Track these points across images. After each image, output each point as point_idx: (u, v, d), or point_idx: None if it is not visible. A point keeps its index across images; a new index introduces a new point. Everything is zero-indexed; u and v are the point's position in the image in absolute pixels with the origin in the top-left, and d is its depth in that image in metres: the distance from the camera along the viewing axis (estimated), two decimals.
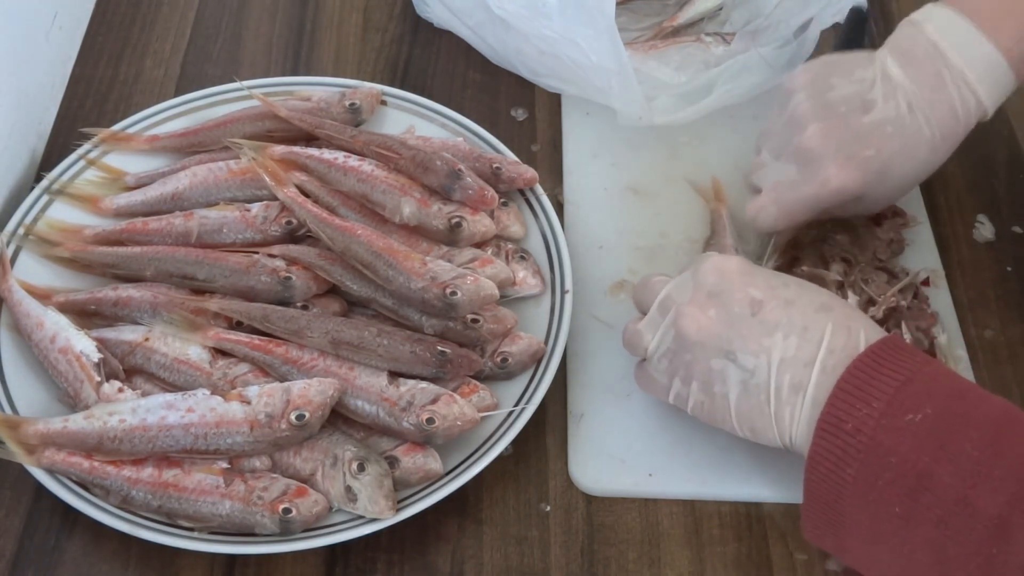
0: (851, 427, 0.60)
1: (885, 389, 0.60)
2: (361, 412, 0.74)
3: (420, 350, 0.75)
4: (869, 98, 0.77)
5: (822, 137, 0.77)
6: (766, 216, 0.81)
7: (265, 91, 0.91)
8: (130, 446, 0.71)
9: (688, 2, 1.03)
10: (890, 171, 0.78)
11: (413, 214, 0.82)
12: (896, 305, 0.81)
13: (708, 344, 0.68)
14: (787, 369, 0.65)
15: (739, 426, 0.69)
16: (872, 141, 0.77)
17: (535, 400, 0.76)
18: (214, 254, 0.81)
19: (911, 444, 0.58)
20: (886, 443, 0.59)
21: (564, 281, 0.83)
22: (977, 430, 0.58)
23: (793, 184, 0.79)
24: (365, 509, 0.70)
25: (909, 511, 0.58)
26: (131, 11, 1.04)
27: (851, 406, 0.61)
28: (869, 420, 0.60)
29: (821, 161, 0.77)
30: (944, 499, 0.57)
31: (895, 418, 0.59)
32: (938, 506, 0.57)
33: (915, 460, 0.58)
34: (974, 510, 0.56)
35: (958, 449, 0.57)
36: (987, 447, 0.57)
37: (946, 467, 0.57)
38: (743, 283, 0.68)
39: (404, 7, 1.05)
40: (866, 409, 0.60)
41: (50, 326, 0.76)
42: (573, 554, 0.74)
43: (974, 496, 0.56)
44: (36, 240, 0.83)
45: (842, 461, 0.60)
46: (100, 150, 0.88)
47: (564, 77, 0.96)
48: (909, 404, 0.59)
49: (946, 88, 0.77)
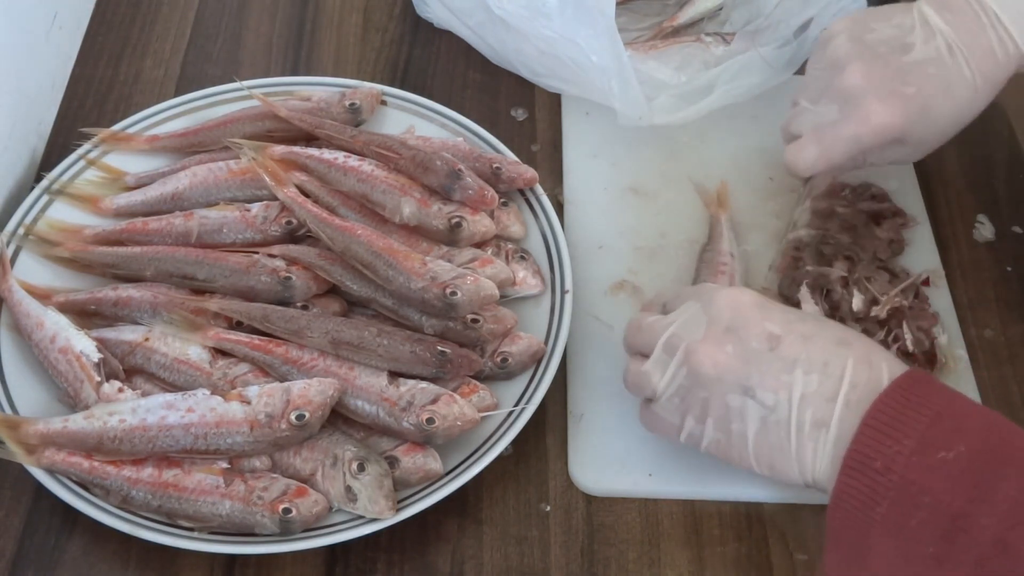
0: (880, 465, 0.58)
1: (916, 425, 0.59)
2: (361, 412, 0.74)
3: (420, 350, 0.75)
4: (909, 41, 0.77)
5: (863, 75, 0.77)
6: (806, 157, 0.80)
7: (265, 91, 0.91)
8: (130, 446, 0.71)
9: (688, 2, 1.03)
10: (932, 111, 0.78)
11: (413, 214, 0.82)
12: (899, 305, 0.81)
13: (726, 380, 0.66)
14: (809, 405, 0.64)
15: (757, 463, 0.67)
16: (913, 79, 0.77)
17: (535, 400, 0.76)
18: (214, 254, 0.81)
19: (945, 484, 0.57)
20: (918, 482, 0.57)
21: (564, 281, 0.83)
22: (1014, 468, 0.57)
23: (834, 124, 0.79)
24: (365, 509, 0.70)
25: (944, 553, 0.56)
26: (131, 11, 1.04)
27: (880, 443, 0.59)
28: (899, 458, 0.58)
29: (862, 98, 0.77)
30: (982, 541, 0.55)
31: (927, 456, 0.58)
32: (975, 548, 0.55)
33: (950, 501, 0.56)
34: (1014, 553, 0.55)
35: (994, 489, 0.56)
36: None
37: (983, 508, 0.56)
38: (760, 318, 0.67)
39: (404, 7, 1.05)
40: (896, 446, 0.58)
41: (50, 326, 0.76)
42: (573, 554, 0.74)
43: (1014, 539, 0.55)
44: (36, 240, 0.83)
45: (871, 500, 0.58)
46: (100, 150, 0.88)
47: (564, 77, 0.96)
48: (941, 441, 0.58)
49: (985, 32, 0.77)
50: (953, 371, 0.82)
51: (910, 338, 0.80)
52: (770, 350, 0.66)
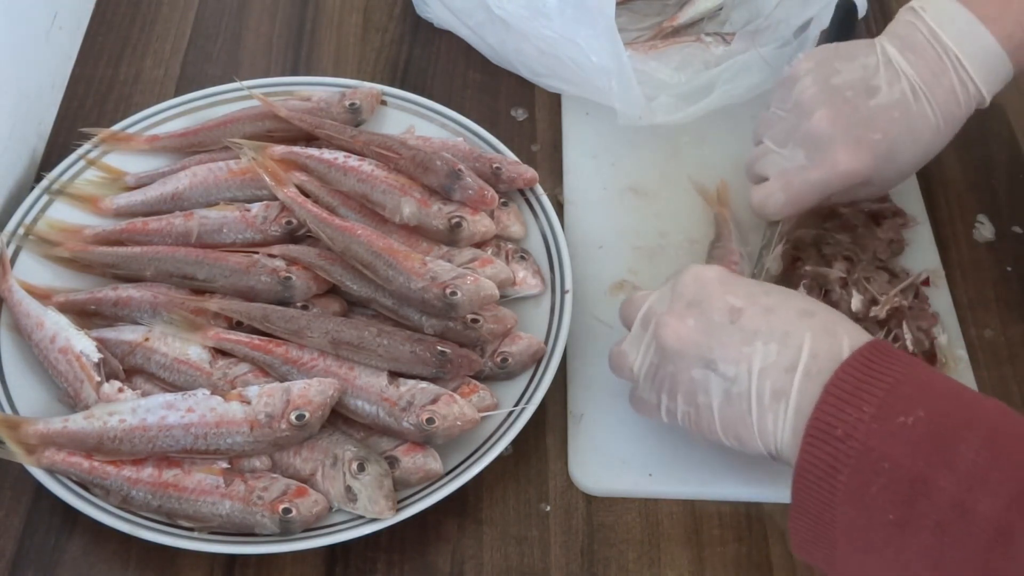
0: (841, 432, 0.59)
1: (875, 392, 0.59)
2: (361, 412, 0.74)
3: (420, 350, 0.75)
4: (874, 83, 0.78)
5: (830, 121, 0.77)
6: (774, 202, 0.80)
7: (265, 91, 0.91)
8: (130, 446, 0.71)
9: (688, 2, 1.03)
10: (897, 154, 0.79)
11: (413, 214, 0.82)
12: (898, 305, 0.81)
13: (688, 353, 0.67)
14: (768, 376, 0.64)
15: (725, 436, 0.68)
16: (879, 124, 0.78)
17: (535, 400, 0.76)
18: (214, 254, 0.81)
19: (905, 449, 0.57)
20: (878, 448, 0.58)
21: (564, 281, 0.83)
22: (973, 433, 0.57)
23: (801, 169, 0.79)
24: (365, 509, 0.70)
25: (904, 518, 0.57)
26: (131, 11, 1.04)
27: (840, 411, 0.59)
28: (860, 424, 0.58)
29: (830, 145, 0.78)
30: (941, 505, 0.56)
31: (887, 422, 0.58)
32: (935, 512, 0.56)
33: (909, 466, 0.57)
34: (973, 515, 0.55)
35: (954, 453, 0.56)
36: (984, 451, 0.56)
37: (942, 472, 0.56)
38: (722, 291, 0.68)
39: (404, 7, 1.05)
40: (856, 413, 0.59)
41: (50, 326, 0.76)
42: (573, 554, 0.74)
43: (972, 501, 0.55)
44: (36, 240, 0.83)
45: (833, 468, 0.59)
46: (100, 150, 0.88)
47: (564, 77, 0.96)
48: (901, 407, 0.58)
49: (947, 74, 0.78)
50: (953, 371, 0.82)
51: (910, 338, 0.80)
52: (731, 323, 0.66)
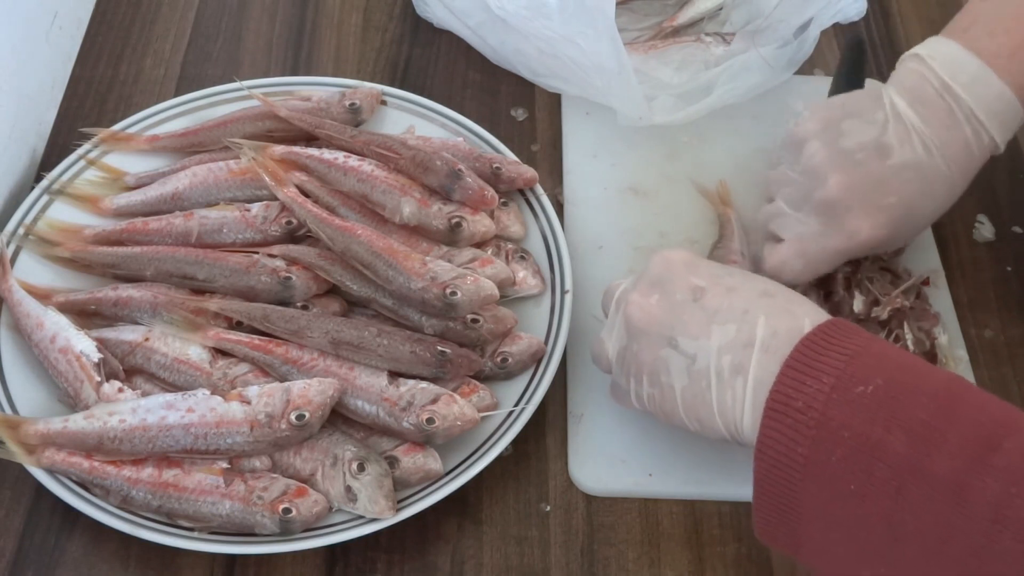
0: (801, 404, 0.58)
1: (835, 364, 0.59)
2: (361, 412, 0.74)
3: (420, 350, 0.75)
4: (885, 142, 0.76)
5: (845, 189, 0.76)
6: (791, 269, 0.79)
7: (265, 91, 0.91)
8: (130, 446, 0.71)
9: (688, 2, 1.03)
10: (912, 214, 0.78)
11: (413, 214, 0.82)
12: (900, 306, 0.81)
13: (651, 332, 0.67)
14: (727, 352, 0.64)
15: (687, 417, 0.67)
16: (894, 187, 0.76)
17: (535, 400, 0.76)
18: (214, 254, 0.81)
19: (863, 416, 0.57)
20: (838, 418, 0.57)
21: (564, 281, 0.83)
22: (928, 397, 0.57)
23: (818, 237, 0.78)
24: (365, 509, 0.70)
25: (864, 487, 0.56)
26: (131, 11, 1.04)
27: (800, 383, 0.59)
28: (819, 395, 0.58)
29: (847, 214, 0.76)
30: (898, 469, 0.55)
31: (846, 391, 0.58)
32: (893, 477, 0.56)
33: (868, 432, 0.56)
34: (929, 476, 0.55)
35: (910, 417, 0.56)
36: (939, 413, 0.56)
37: (899, 436, 0.56)
38: (686, 272, 0.68)
39: (404, 7, 1.05)
40: (816, 385, 0.58)
41: (50, 326, 0.76)
42: (573, 554, 0.74)
43: (929, 463, 0.55)
44: (36, 240, 0.83)
45: (793, 442, 0.58)
46: (100, 150, 0.88)
47: (564, 77, 0.96)
48: (859, 377, 0.58)
49: (959, 126, 0.76)
50: (953, 371, 0.82)
51: (911, 338, 0.80)
52: (693, 301, 0.66)
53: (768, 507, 0.61)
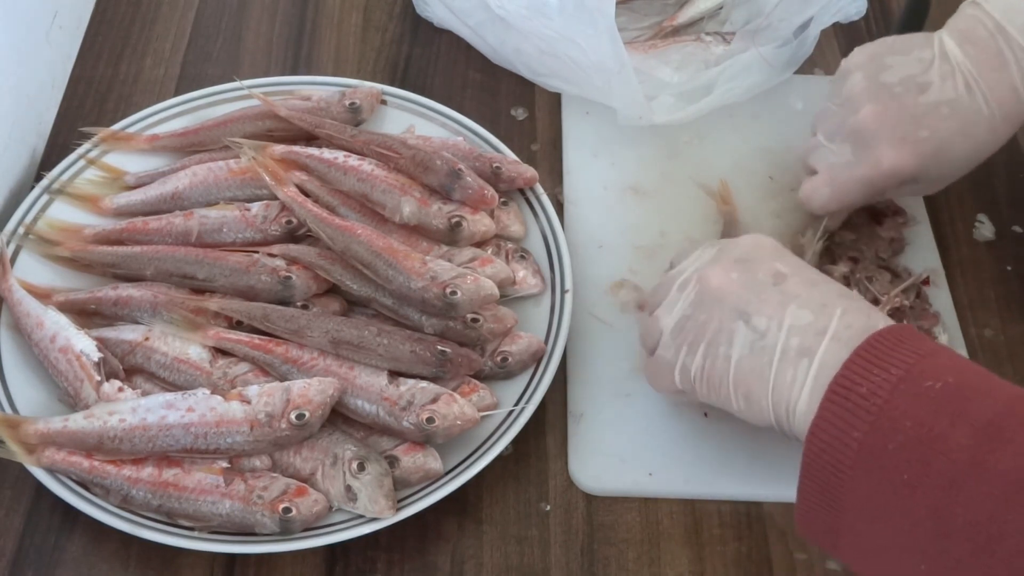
0: (865, 390, 0.58)
1: (905, 359, 0.58)
2: (361, 412, 0.74)
3: (420, 350, 0.75)
4: (925, 79, 0.77)
5: (876, 118, 0.77)
6: (819, 197, 0.80)
7: (265, 91, 0.91)
8: (130, 445, 0.71)
9: (688, 2, 1.03)
10: (946, 152, 0.77)
11: (413, 213, 0.82)
12: (900, 305, 0.81)
13: (726, 302, 0.67)
14: (797, 333, 0.64)
15: (735, 392, 0.67)
16: (927, 122, 0.76)
17: (535, 400, 0.76)
18: (214, 253, 0.81)
19: (928, 408, 0.56)
20: (901, 407, 0.57)
21: (564, 281, 0.83)
22: (997, 400, 0.56)
23: (847, 165, 0.79)
24: (365, 509, 0.70)
25: (918, 477, 0.56)
26: (131, 11, 1.04)
27: (868, 371, 0.59)
28: (886, 385, 0.58)
29: (875, 142, 0.77)
30: (959, 462, 0.55)
31: (914, 384, 0.57)
32: (950, 469, 0.55)
33: (931, 424, 0.56)
34: (991, 472, 0.54)
35: (978, 414, 0.56)
36: (1008, 414, 0.55)
37: (963, 430, 0.55)
38: (772, 257, 0.69)
39: (404, 7, 1.05)
40: (883, 375, 0.58)
41: (50, 325, 0.76)
42: (573, 554, 0.74)
43: (993, 460, 0.54)
44: (36, 240, 0.83)
45: (849, 425, 0.58)
46: (100, 150, 0.88)
47: (564, 77, 0.96)
48: (929, 373, 0.58)
49: (1008, 67, 0.76)
50: None
51: None
52: (774, 284, 0.67)
53: (812, 494, 0.60)
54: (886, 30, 1.05)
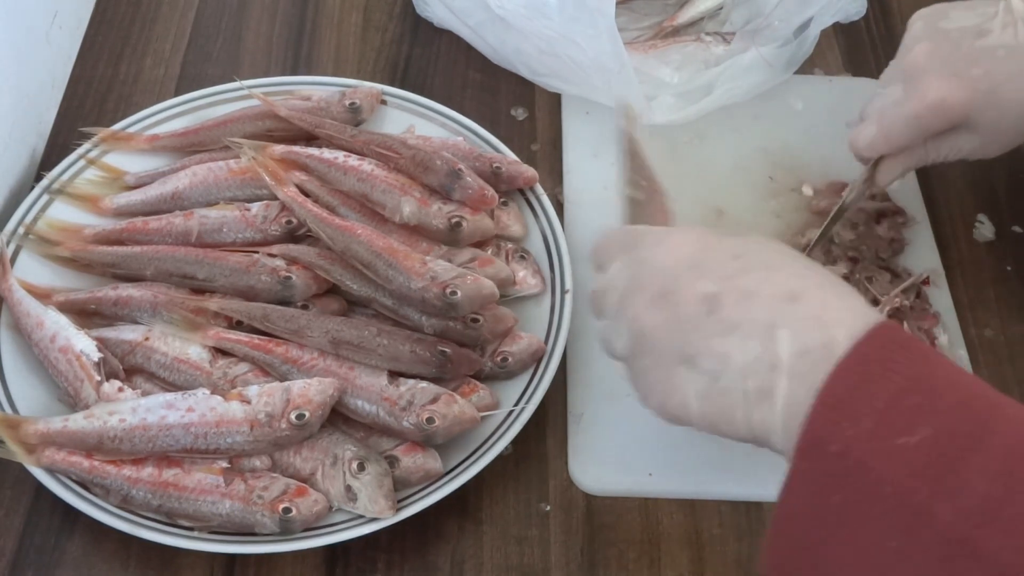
0: (836, 449, 0.51)
1: (875, 403, 0.51)
2: (361, 412, 0.74)
3: (420, 350, 0.75)
4: (985, 27, 0.75)
5: (928, 55, 0.76)
6: (864, 136, 0.78)
7: (265, 91, 0.91)
8: (130, 445, 0.71)
9: (688, 2, 1.03)
10: (1000, 95, 0.75)
11: (413, 213, 0.82)
12: (900, 305, 0.81)
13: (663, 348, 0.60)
14: (751, 375, 0.56)
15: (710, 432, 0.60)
16: (981, 61, 0.75)
17: (535, 400, 0.76)
18: (214, 254, 0.81)
19: (907, 472, 0.50)
20: (877, 470, 0.51)
21: (564, 281, 0.83)
22: (985, 458, 0.50)
23: (895, 103, 0.77)
24: (365, 509, 0.70)
25: (906, 547, 0.50)
26: (131, 11, 1.04)
27: (835, 423, 0.52)
28: (857, 442, 0.51)
29: (924, 76, 0.75)
30: (947, 537, 0.49)
31: (887, 440, 0.51)
32: (939, 545, 0.49)
33: (912, 492, 0.50)
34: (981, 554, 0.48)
35: (962, 483, 0.49)
36: (996, 480, 0.49)
37: (946, 505, 0.49)
38: (693, 277, 0.60)
39: (404, 7, 1.05)
40: (853, 429, 0.51)
41: (50, 325, 0.76)
42: (573, 554, 0.74)
43: (980, 538, 0.48)
44: (36, 240, 0.83)
45: (827, 487, 0.52)
46: (100, 150, 0.88)
47: (564, 77, 0.96)
48: (903, 422, 0.51)
49: None
50: None
51: None
52: (708, 314, 0.58)
53: (786, 545, 0.55)
54: (886, 30, 1.06)
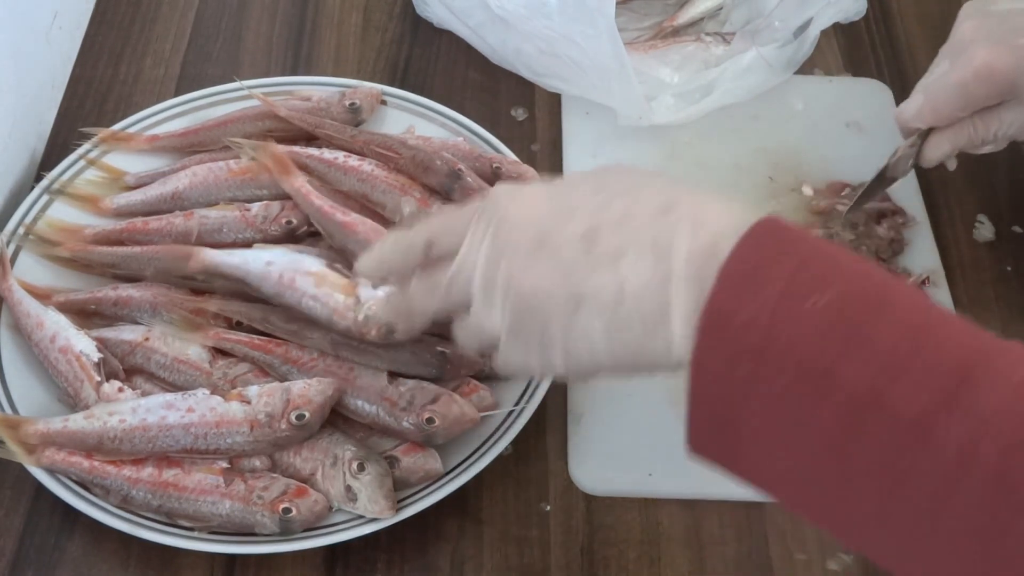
0: (741, 320, 0.50)
1: (778, 275, 0.50)
2: (361, 412, 0.74)
3: (419, 351, 0.75)
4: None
5: (975, 29, 0.76)
6: (910, 107, 0.79)
7: (265, 91, 0.91)
8: (130, 446, 0.71)
9: (688, 2, 1.03)
10: None
11: (413, 214, 0.82)
12: None
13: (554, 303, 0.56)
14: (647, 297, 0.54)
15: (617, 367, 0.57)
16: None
17: (535, 400, 0.76)
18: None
19: (813, 336, 0.49)
20: (784, 336, 0.49)
21: None
22: (890, 316, 0.50)
23: (942, 75, 0.78)
24: (365, 509, 0.70)
25: (813, 416, 0.50)
26: (131, 11, 1.04)
27: (739, 296, 0.50)
28: (764, 310, 0.50)
29: (970, 47, 0.76)
30: (854, 401, 0.48)
31: (793, 306, 0.50)
32: (848, 411, 0.49)
33: (818, 355, 0.49)
34: (890, 412, 0.48)
35: (868, 340, 0.49)
36: (903, 338, 0.49)
37: (854, 363, 0.49)
38: (563, 221, 0.57)
39: (404, 7, 1.05)
40: (757, 300, 0.50)
41: (50, 326, 0.76)
42: (573, 554, 0.74)
43: (889, 394, 0.48)
44: (36, 240, 0.83)
45: (733, 360, 0.50)
46: (100, 150, 0.88)
47: (564, 77, 0.95)
48: (807, 289, 0.50)
49: None
50: None
51: None
52: (587, 252, 0.55)
53: (702, 422, 0.53)
54: (886, 30, 1.05)
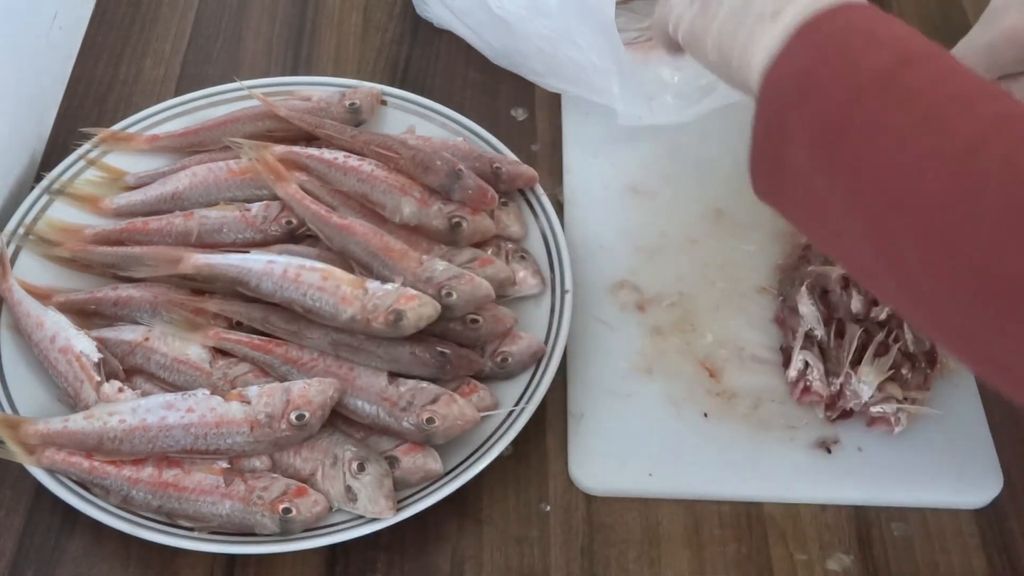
0: (831, 27, 0.59)
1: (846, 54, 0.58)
2: (361, 412, 0.74)
3: (419, 351, 0.75)
4: None
5: None
6: None
7: (265, 91, 0.91)
8: (130, 446, 0.71)
9: None
10: None
11: (413, 214, 0.82)
12: None
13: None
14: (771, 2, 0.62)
15: (712, 45, 0.66)
16: None
17: (535, 400, 0.76)
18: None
19: (898, 32, 0.57)
20: (864, 28, 0.58)
21: (564, 281, 0.83)
22: None
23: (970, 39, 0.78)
24: (365, 509, 0.70)
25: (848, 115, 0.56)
26: (131, 11, 1.04)
27: (833, 16, 0.59)
28: (856, 16, 0.58)
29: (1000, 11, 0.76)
30: (868, 73, 0.56)
31: (874, 30, 0.58)
32: (859, 81, 0.56)
33: (859, 52, 0.57)
34: (897, 85, 0.55)
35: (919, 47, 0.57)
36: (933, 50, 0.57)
37: (885, 54, 0.56)
38: None
39: (404, 7, 1.05)
40: (845, 19, 0.59)
41: (50, 326, 0.76)
42: (573, 554, 0.74)
43: (903, 76, 0.55)
44: (36, 240, 0.83)
45: (823, 51, 0.58)
46: (100, 150, 0.88)
47: (564, 77, 0.95)
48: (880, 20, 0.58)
49: None
50: (953, 371, 0.82)
51: (910, 338, 0.80)
52: None
53: (763, 147, 0.62)
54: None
